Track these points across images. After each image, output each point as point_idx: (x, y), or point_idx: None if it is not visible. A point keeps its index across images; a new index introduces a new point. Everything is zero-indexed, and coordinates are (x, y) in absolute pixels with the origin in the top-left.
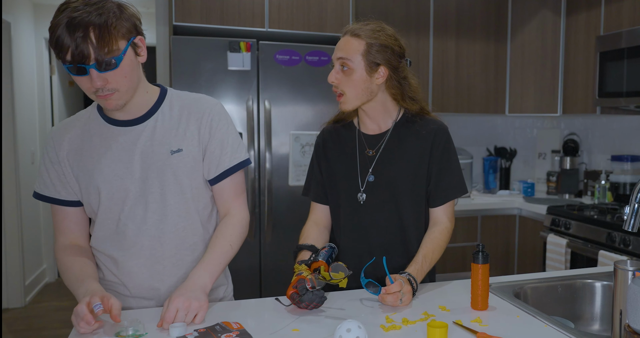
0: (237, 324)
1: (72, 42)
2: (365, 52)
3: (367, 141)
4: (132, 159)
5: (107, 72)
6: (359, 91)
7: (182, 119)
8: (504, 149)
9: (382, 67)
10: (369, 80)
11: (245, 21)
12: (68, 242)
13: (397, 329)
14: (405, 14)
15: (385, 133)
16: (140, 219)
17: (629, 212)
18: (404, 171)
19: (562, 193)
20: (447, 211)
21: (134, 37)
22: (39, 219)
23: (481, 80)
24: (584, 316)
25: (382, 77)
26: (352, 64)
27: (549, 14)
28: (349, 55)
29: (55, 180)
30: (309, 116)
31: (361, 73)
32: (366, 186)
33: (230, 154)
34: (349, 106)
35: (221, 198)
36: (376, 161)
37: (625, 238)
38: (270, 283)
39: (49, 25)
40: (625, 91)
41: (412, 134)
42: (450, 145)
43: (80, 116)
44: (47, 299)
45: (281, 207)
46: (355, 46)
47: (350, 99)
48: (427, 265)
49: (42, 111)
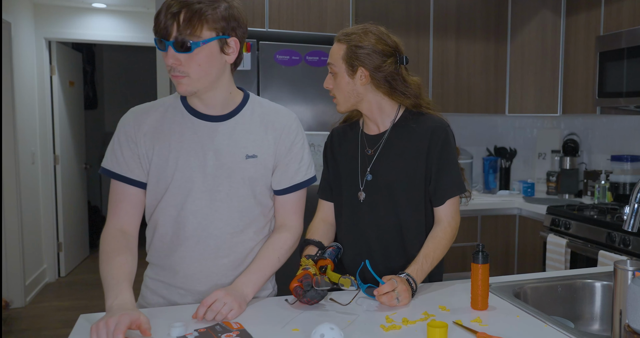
0: (237, 324)
1: (164, 17)
2: (345, 56)
3: (367, 141)
4: (206, 154)
5: (181, 53)
6: (345, 93)
7: (261, 126)
8: (504, 149)
9: (360, 69)
10: (352, 82)
11: None
12: (119, 226)
13: (397, 329)
14: (405, 14)
15: (384, 133)
16: (202, 214)
17: (629, 212)
18: (401, 171)
19: (562, 193)
20: (449, 210)
21: (225, 36)
22: (39, 219)
23: (481, 80)
24: (584, 316)
25: (364, 78)
26: (336, 69)
27: (549, 14)
28: (333, 60)
29: (129, 159)
30: (309, 116)
31: (344, 76)
32: (365, 185)
33: (305, 170)
34: (341, 108)
35: (283, 209)
36: (374, 161)
37: (625, 238)
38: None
39: (49, 25)
40: (625, 91)
41: (410, 133)
42: (449, 143)
43: (162, 102)
44: (47, 299)
45: None
46: (337, 51)
47: (340, 102)
48: (427, 265)
49: (42, 111)
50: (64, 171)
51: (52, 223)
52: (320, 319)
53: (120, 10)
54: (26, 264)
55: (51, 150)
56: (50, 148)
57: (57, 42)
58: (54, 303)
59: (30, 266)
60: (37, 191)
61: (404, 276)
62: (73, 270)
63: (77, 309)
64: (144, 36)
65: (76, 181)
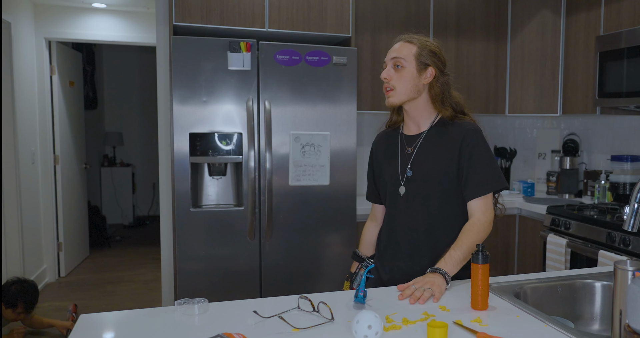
0: (240, 335)
1: None
2: (417, 55)
3: (407, 141)
4: None
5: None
6: (408, 86)
7: None
8: (504, 149)
9: (430, 68)
10: (418, 78)
11: (246, 21)
12: None
13: (397, 329)
14: (405, 14)
15: (422, 133)
16: None
17: (629, 212)
18: (436, 166)
19: (562, 193)
20: (478, 205)
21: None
22: (39, 219)
23: (481, 80)
24: (584, 316)
25: (430, 77)
26: (405, 63)
27: (549, 14)
28: (403, 55)
29: None
30: (309, 116)
31: (412, 71)
32: (405, 180)
33: None
34: (396, 99)
35: None
36: (414, 158)
37: (625, 238)
38: (270, 283)
39: (49, 25)
40: (625, 91)
41: (445, 134)
42: (479, 144)
43: None
44: (47, 299)
45: (281, 207)
46: (409, 49)
47: (398, 93)
48: (459, 253)
49: (42, 111)
50: (64, 171)
51: (52, 223)
52: None
53: (120, 10)
54: (26, 264)
55: (51, 150)
56: (50, 148)
57: (57, 42)
58: (54, 303)
59: (30, 266)
60: (37, 191)
61: (429, 270)
62: (73, 270)
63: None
64: (144, 36)
65: (76, 181)
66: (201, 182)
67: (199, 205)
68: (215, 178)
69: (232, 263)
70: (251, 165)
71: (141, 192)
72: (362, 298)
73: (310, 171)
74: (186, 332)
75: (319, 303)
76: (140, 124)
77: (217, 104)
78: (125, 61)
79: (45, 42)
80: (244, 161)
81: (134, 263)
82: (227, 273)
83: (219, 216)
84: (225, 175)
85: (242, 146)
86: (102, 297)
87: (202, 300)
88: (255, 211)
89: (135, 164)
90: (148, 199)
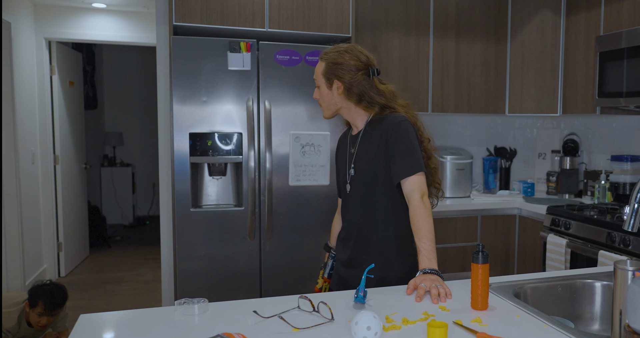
0: (240, 335)
1: None
2: (323, 71)
3: (351, 141)
4: None
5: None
6: (327, 102)
7: None
8: (504, 149)
9: (335, 81)
10: (331, 93)
11: (245, 21)
12: None
13: (397, 329)
14: (405, 14)
15: (359, 133)
16: None
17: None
18: (370, 164)
19: (562, 193)
20: (410, 186)
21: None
22: (39, 219)
23: (481, 80)
24: (584, 316)
25: (339, 88)
26: (318, 82)
27: (549, 14)
28: (316, 75)
29: None
30: (309, 116)
31: (324, 88)
32: (350, 178)
33: None
34: (326, 114)
35: None
36: (355, 157)
37: (625, 238)
38: (270, 283)
39: (49, 25)
40: (625, 91)
41: (377, 131)
42: (399, 133)
43: None
44: None
45: (281, 207)
46: (319, 67)
47: (325, 109)
48: (427, 244)
49: (42, 111)
50: (64, 171)
51: (52, 223)
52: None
53: (120, 10)
54: (26, 264)
55: (51, 150)
56: (50, 148)
57: (57, 42)
58: None
59: (30, 266)
60: (37, 191)
61: (419, 273)
62: (73, 270)
63: (77, 309)
64: (144, 36)
65: (76, 181)
66: (201, 182)
67: (199, 205)
68: (215, 178)
69: (232, 263)
70: (251, 165)
71: (141, 192)
72: (362, 298)
73: (310, 171)
74: (186, 332)
75: (319, 303)
76: (140, 124)
77: (217, 104)
78: (125, 61)
79: (45, 42)
80: (244, 161)
81: (134, 263)
82: (227, 273)
83: (219, 216)
84: (225, 175)
85: (242, 146)
86: (102, 297)
87: (202, 300)
88: (255, 211)
89: (135, 164)
90: (148, 199)
